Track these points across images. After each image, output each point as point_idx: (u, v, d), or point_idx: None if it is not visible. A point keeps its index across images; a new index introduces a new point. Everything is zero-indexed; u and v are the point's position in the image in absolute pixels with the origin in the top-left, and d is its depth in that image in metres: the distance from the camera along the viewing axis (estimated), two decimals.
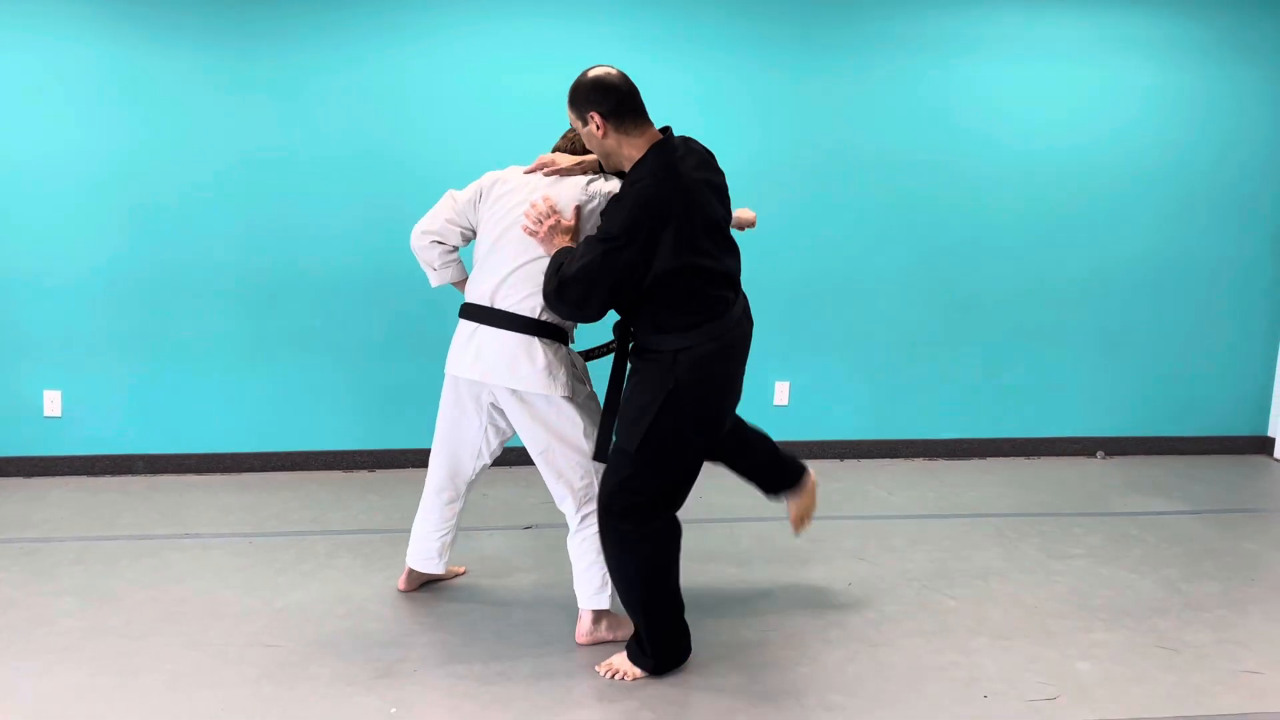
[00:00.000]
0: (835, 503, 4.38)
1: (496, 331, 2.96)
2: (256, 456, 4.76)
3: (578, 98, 2.75)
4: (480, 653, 3.03)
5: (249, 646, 3.03)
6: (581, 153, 3.12)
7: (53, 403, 4.60)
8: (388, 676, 2.87)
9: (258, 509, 4.26)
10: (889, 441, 5.16)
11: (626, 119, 2.73)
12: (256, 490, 4.50)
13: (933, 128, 4.96)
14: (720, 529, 4.02)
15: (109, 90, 4.46)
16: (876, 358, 5.10)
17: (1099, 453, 5.30)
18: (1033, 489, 4.72)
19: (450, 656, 3.01)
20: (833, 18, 4.83)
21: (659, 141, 2.77)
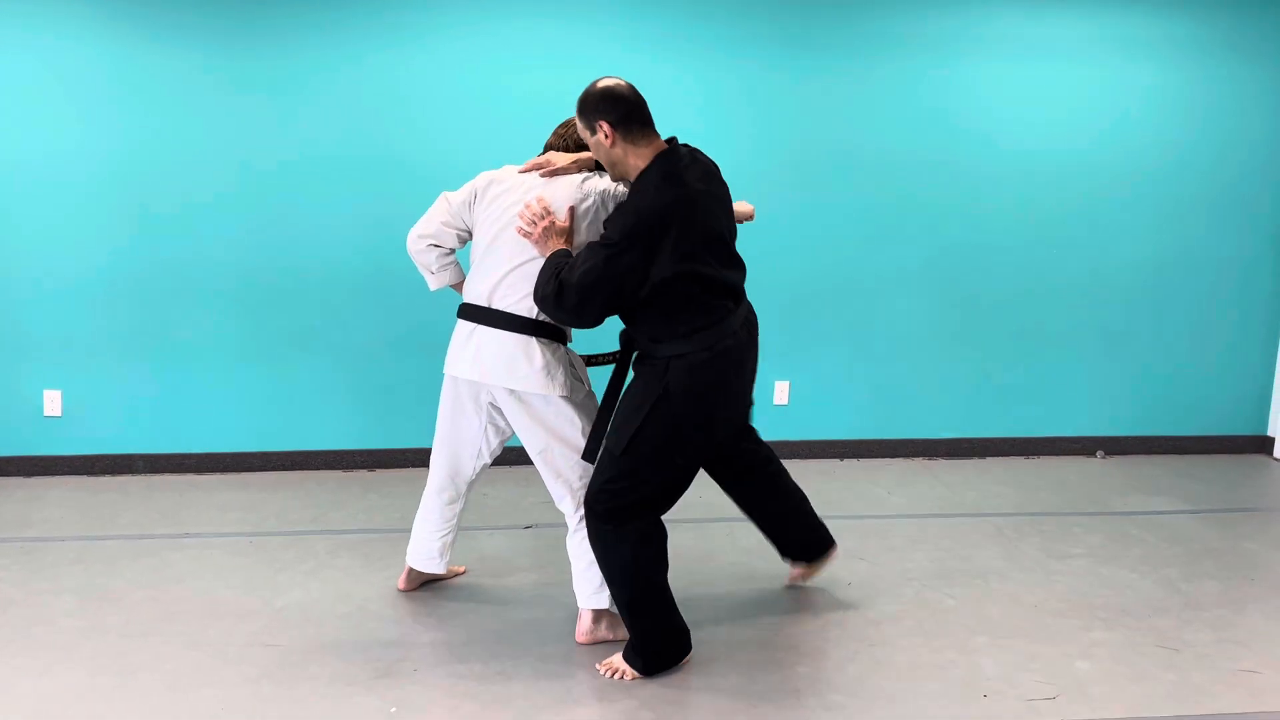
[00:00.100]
0: (835, 502, 4.38)
1: (494, 332, 2.97)
2: (256, 456, 4.76)
3: (587, 107, 2.78)
4: (480, 652, 3.03)
5: (249, 646, 3.03)
6: (574, 149, 3.12)
7: (53, 402, 4.61)
8: (388, 676, 2.88)
9: (257, 508, 4.26)
10: (889, 441, 5.16)
11: (634, 129, 2.77)
12: (256, 490, 4.50)
13: (933, 128, 4.95)
14: (720, 529, 4.02)
15: (109, 90, 4.46)
16: (876, 357, 5.09)
17: (1099, 452, 5.30)
18: (1032, 488, 4.72)
19: (450, 656, 3.01)
20: (833, 18, 4.83)
21: (664, 151, 2.79)
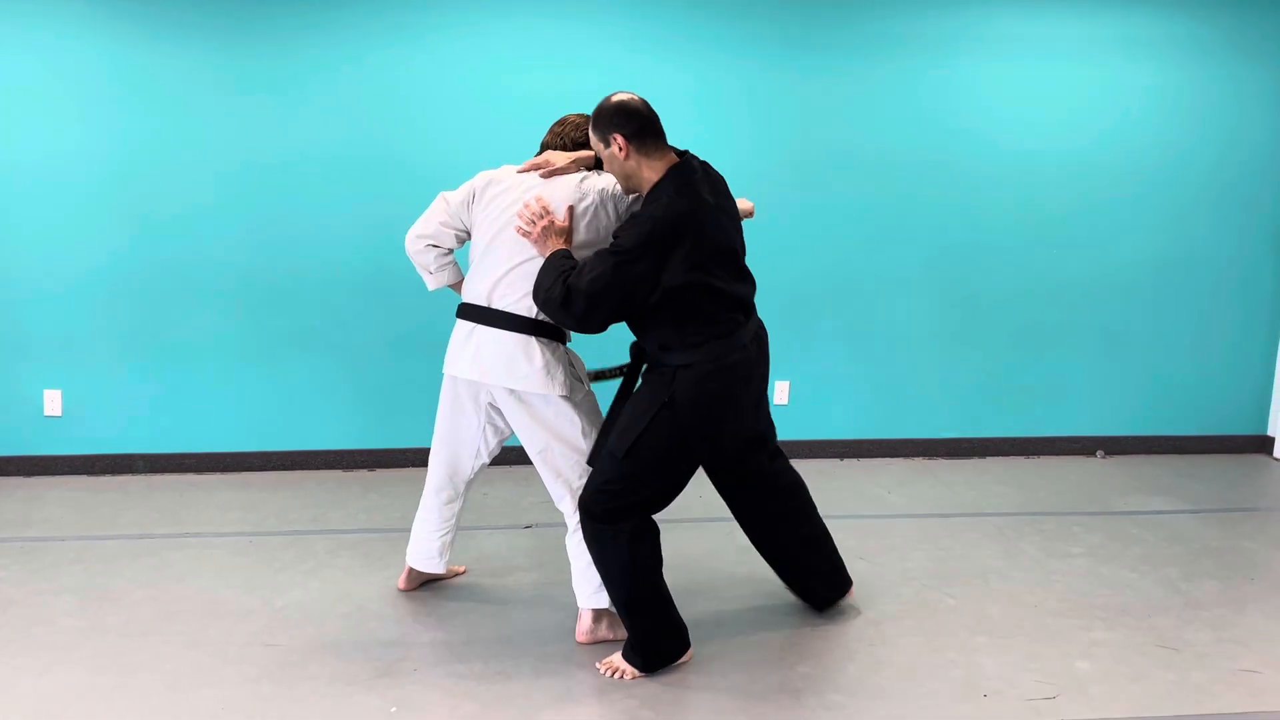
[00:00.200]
0: (835, 502, 4.38)
1: (494, 331, 2.97)
2: (256, 456, 4.76)
3: (601, 121, 2.81)
4: (480, 651, 3.03)
5: (249, 646, 3.03)
6: (571, 148, 3.12)
7: (53, 402, 4.61)
8: (388, 675, 2.88)
9: (257, 508, 4.26)
10: (889, 441, 5.16)
11: (648, 142, 2.80)
12: (256, 489, 4.50)
13: (933, 128, 4.95)
14: (720, 528, 4.02)
15: (109, 90, 4.46)
16: (876, 357, 5.09)
17: (1099, 452, 5.30)
18: (1032, 488, 4.72)
19: (450, 655, 3.01)
20: (833, 18, 4.83)
21: (678, 164, 2.82)
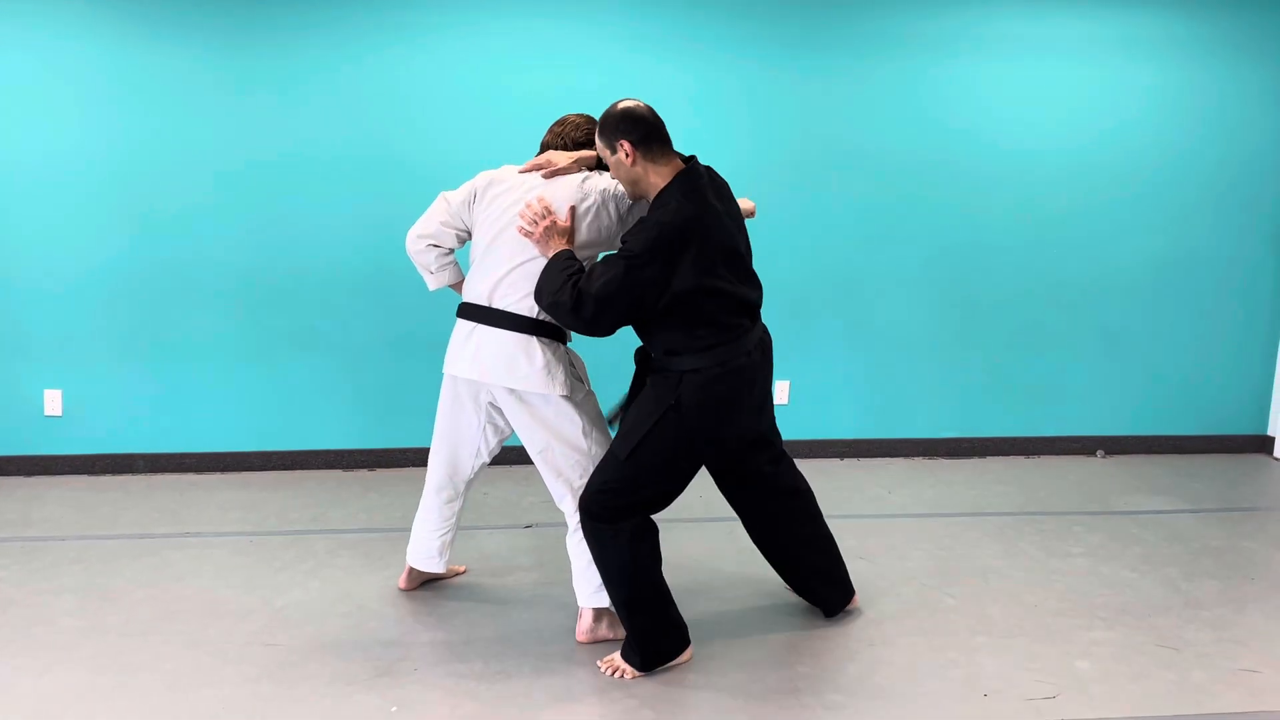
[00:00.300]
0: (835, 502, 4.38)
1: (495, 331, 2.96)
2: (257, 455, 4.76)
3: (607, 127, 2.82)
4: (481, 651, 3.03)
5: (249, 645, 3.03)
6: (572, 148, 3.12)
7: (53, 402, 4.61)
8: (388, 675, 2.88)
9: (258, 508, 4.26)
10: (889, 440, 5.16)
11: (654, 148, 2.81)
12: (256, 489, 4.50)
13: (933, 127, 4.95)
14: (720, 528, 4.02)
15: (109, 90, 4.46)
16: (876, 357, 5.10)
17: (1099, 451, 5.30)
18: (1032, 488, 4.72)
19: (451, 655, 3.01)
20: (832, 18, 4.83)
21: (684, 170, 2.83)
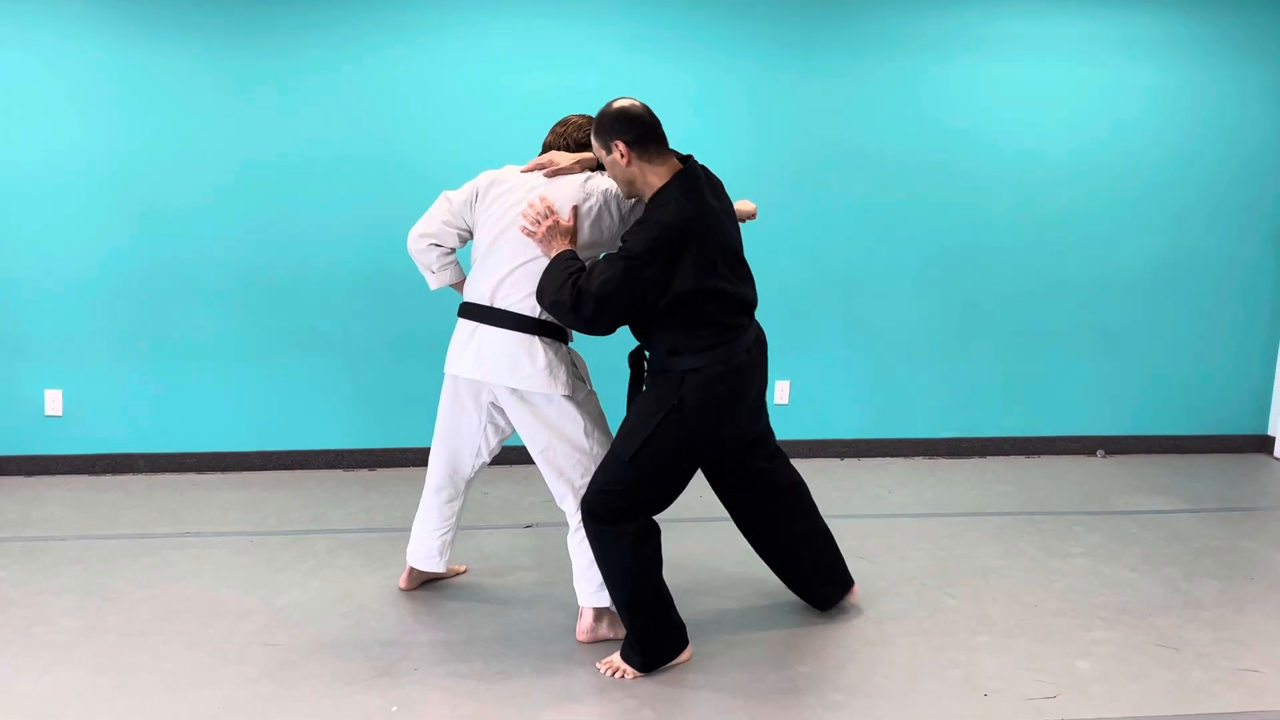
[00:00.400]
0: (835, 501, 4.38)
1: (497, 331, 2.97)
2: (257, 455, 4.76)
3: (603, 127, 2.81)
4: (481, 651, 3.03)
5: (249, 645, 3.03)
6: (574, 149, 3.12)
7: (54, 402, 4.61)
8: (388, 675, 2.88)
9: (258, 508, 4.26)
10: (889, 440, 5.16)
11: (650, 148, 2.80)
12: (257, 489, 4.50)
13: (933, 127, 4.95)
14: (720, 528, 4.01)
15: (109, 89, 4.46)
16: (877, 356, 5.10)
17: (1099, 451, 5.30)
18: (1033, 488, 4.72)
19: (451, 655, 3.01)
20: (833, 18, 4.83)
21: (681, 170, 2.83)
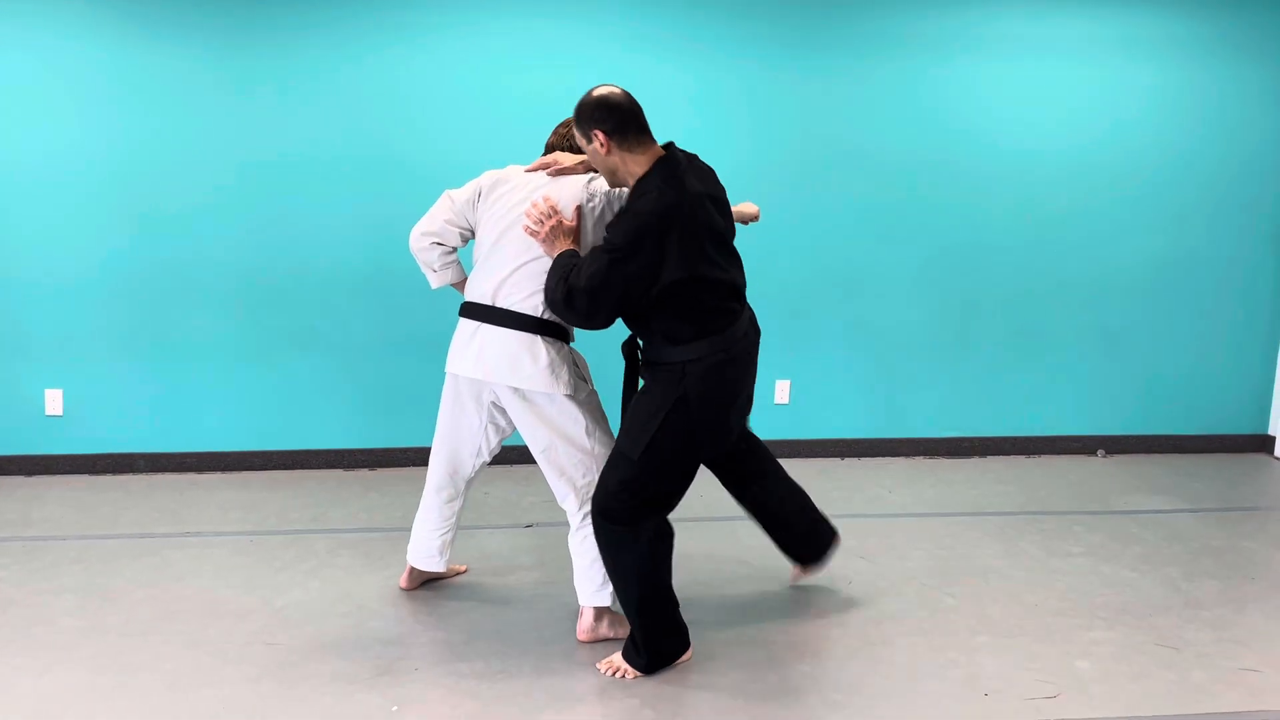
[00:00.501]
0: (836, 501, 4.38)
1: (499, 330, 2.97)
2: (257, 455, 4.76)
3: (582, 117, 2.80)
4: (481, 650, 3.03)
5: (249, 645, 3.03)
6: (577, 150, 3.12)
7: (54, 401, 4.61)
8: (389, 674, 2.88)
9: (258, 507, 4.26)
10: (889, 440, 5.16)
11: (630, 136, 2.77)
12: (257, 489, 4.50)
13: (933, 127, 4.96)
14: (721, 528, 4.02)
15: (110, 89, 4.46)
16: (877, 356, 5.10)
17: (1099, 451, 5.30)
18: (1033, 487, 4.72)
19: (451, 654, 3.01)
20: (833, 18, 4.83)
21: (663, 157, 2.81)
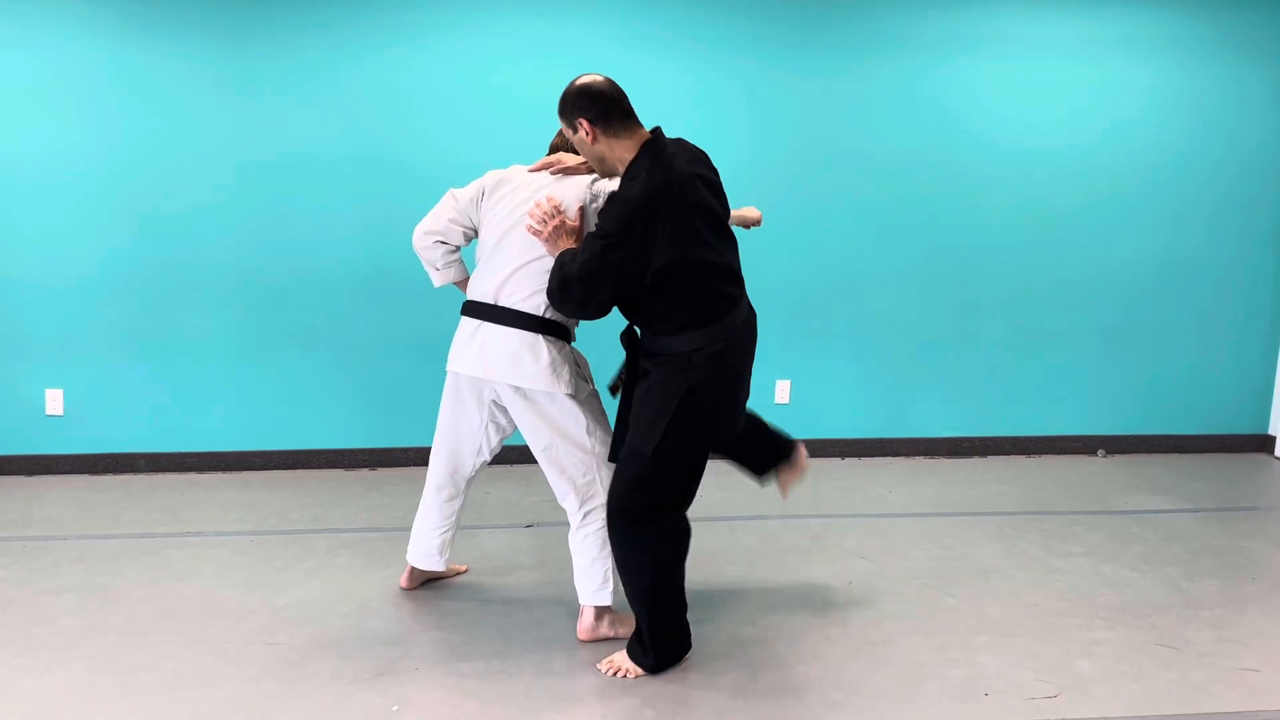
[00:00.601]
0: (836, 501, 4.38)
1: (500, 329, 2.97)
2: (258, 455, 4.76)
3: (565, 106, 2.79)
4: (482, 650, 3.03)
5: (250, 645, 3.03)
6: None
7: (54, 401, 4.61)
8: (389, 674, 2.88)
9: (259, 507, 4.26)
10: (890, 440, 5.16)
11: (614, 122, 2.76)
12: (257, 488, 4.50)
13: (933, 127, 4.96)
14: (721, 527, 4.02)
15: (110, 89, 4.46)
16: (877, 356, 5.10)
17: (1100, 451, 5.30)
18: (1034, 487, 4.72)
19: (452, 654, 3.01)
20: (833, 18, 4.84)
21: (648, 141, 2.79)
